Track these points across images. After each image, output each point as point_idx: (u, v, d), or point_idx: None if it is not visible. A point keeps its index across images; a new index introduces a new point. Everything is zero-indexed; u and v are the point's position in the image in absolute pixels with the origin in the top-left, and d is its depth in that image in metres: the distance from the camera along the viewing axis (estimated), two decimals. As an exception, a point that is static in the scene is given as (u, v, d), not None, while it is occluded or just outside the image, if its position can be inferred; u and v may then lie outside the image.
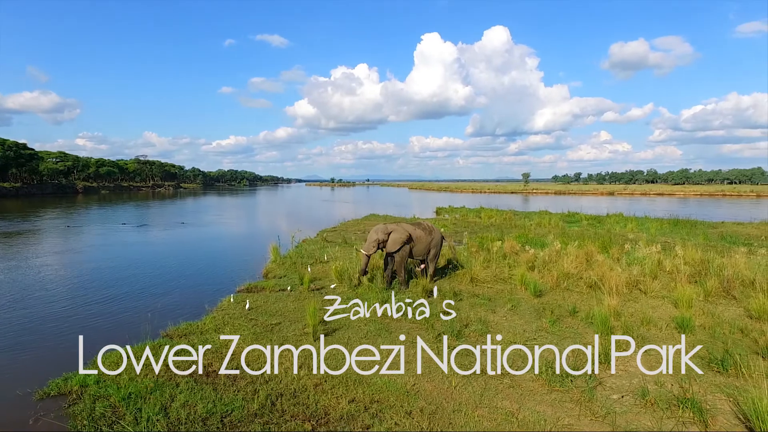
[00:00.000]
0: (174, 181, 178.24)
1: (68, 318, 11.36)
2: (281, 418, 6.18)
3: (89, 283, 14.88)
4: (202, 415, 6.21)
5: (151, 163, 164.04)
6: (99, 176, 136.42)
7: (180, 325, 10.01)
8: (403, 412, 6.22)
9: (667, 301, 11.07)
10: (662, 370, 7.31)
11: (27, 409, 6.78)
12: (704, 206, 57.59)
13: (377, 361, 7.93)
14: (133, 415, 6.25)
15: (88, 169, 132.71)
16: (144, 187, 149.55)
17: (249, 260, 19.71)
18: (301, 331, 9.59)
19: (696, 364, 7.52)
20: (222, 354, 8.24)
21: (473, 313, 10.49)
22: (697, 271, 12.84)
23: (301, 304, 11.55)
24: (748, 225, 28.36)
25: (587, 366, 7.37)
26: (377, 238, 12.74)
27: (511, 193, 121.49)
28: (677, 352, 8.00)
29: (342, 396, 6.69)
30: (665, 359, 7.41)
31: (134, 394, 6.78)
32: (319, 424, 6.02)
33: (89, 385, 7.21)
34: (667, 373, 7.15)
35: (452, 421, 5.97)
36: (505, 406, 6.28)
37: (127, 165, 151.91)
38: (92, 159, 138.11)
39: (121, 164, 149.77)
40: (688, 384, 6.81)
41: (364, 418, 6.12)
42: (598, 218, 31.40)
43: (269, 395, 6.69)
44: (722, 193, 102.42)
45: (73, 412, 6.55)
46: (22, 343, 9.68)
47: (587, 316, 9.99)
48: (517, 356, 8.01)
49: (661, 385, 6.86)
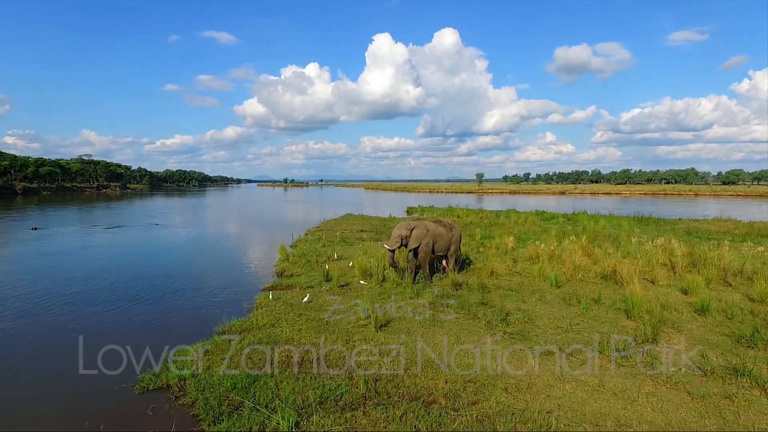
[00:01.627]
0: (119, 181, 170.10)
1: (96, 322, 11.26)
2: (389, 399, 6.65)
3: (102, 288, 14.54)
4: (316, 399, 6.58)
5: (96, 163, 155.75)
6: (38, 177, 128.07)
7: (232, 322, 10.19)
8: (499, 388, 6.85)
9: (674, 288, 12.30)
10: (701, 346, 8.37)
11: (136, 402, 6.94)
12: (653, 204, 61.68)
13: (446, 345, 8.58)
14: (251, 402, 6.54)
15: (27, 169, 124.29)
16: (88, 188, 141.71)
17: (254, 260, 19.73)
18: (355, 323, 10.00)
19: (728, 341, 8.65)
20: (297, 346, 8.59)
21: (506, 303, 11.26)
22: (691, 262, 14.23)
23: (339, 299, 11.94)
24: (703, 221, 30.96)
25: (632, 344, 8.33)
26: (400, 234, 13.32)
27: (468, 193, 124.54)
28: (706, 331, 9.15)
29: (435, 378, 7.23)
30: (698, 337, 8.51)
31: (238, 385, 7.04)
32: (431, 401, 6.54)
33: (186, 378, 7.39)
34: (707, 348, 8.21)
35: (549, 393, 6.66)
36: (588, 380, 7.05)
37: (69, 165, 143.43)
38: (31, 158, 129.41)
39: (63, 164, 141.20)
40: (736, 357, 7.82)
41: (467, 394, 6.70)
42: (570, 216, 33.26)
43: (367, 380, 7.12)
44: (664, 192, 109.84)
45: (187, 402, 6.77)
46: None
47: (612, 303, 11.01)
48: (569, 339, 8.88)
49: (707, 358, 7.83)
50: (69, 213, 49.94)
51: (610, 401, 6.38)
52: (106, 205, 67.57)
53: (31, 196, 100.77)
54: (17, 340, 9.84)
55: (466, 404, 6.42)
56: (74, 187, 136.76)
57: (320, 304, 11.53)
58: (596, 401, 6.39)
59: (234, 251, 22.75)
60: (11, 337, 9.96)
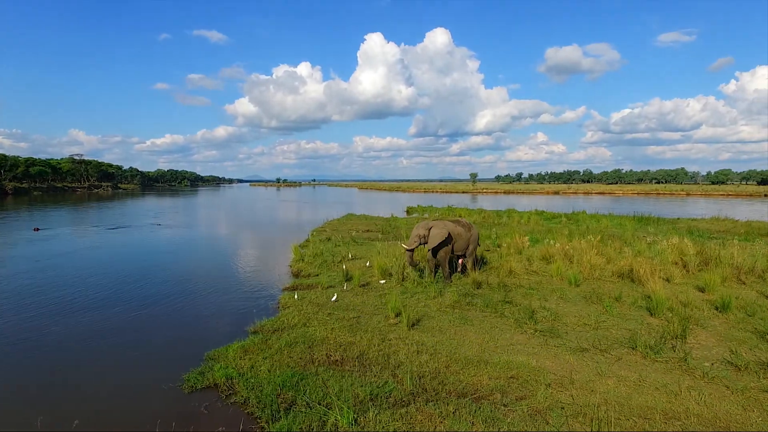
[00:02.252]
0: (111, 181, 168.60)
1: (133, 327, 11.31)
2: (437, 395, 6.81)
3: (119, 290, 14.56)
4: (366, 396, 6.72)
5: (87, 163, 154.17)
6: (29, 176, 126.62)
7: (263, 322, 10.31)
8: (543, 384, 7.04)
9: (690, 286, 12.60)
10: (729, 342, 8.63)
11: (188, 400, 7.05)
12: (647, 204, 62.42)
13: (480, 343, 8.77)
14: (303, 400, 6.67)
15: (17, 168, 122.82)
16: (79, 188, 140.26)
17: (267, 260, 19.80)
18: (385, 322, 10.15)
19: (752, 337, 8.92)
20: (333, 345, 8.73)
21: (529, 301, 11.47)
22: (702, 261, 14.55)
23: (363, 298, 12.10)
24: (702, 221, 31.49)
25: (662, 341, 8.57)
26: (418, 234, 13.52)
27: (462, 193, 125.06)
28: (729, 327, 9.41)
29: (477, 374, 7.41)
30: (723, 334, 8.79)
31: (286, 383, 7.17)
32: (478, 397, 6.71)
33: (234, 377, 7.50)
34: (736, 343, 8.49)
35: (592, 388, 6.87)
36: (628, 376, 7.27)
37: (60, 164, 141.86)
38: (21, 158, 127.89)
39: (54, 164, 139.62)
40: (764, 352, 8.10)
41: (513, 390, 6.89)
42: (571, 215, 33.64)
43: (412, 377, 7.28)
44: (656, 192, 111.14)
45: (239, 400, 6.90)
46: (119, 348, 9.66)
47: (634, 301, 11.27)
48: (599, 336, 9.10)
49: (738, 354, 8.08)
50: (65, 213, 49.50)
51: (654, 395, 6.59)
52: (100, 206, 67.01)
53: (22, 197, 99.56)
54: (53, 340, 9.87)
55: (514, 399, 6.60)
56: (65, 187, 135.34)
57: (346, 303, 11.67)
58: (641, 395, 6.60)
59: (244, 252, 22.79)
60: (45, 338, 9.99)
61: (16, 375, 8.24)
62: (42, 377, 8.12)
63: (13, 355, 9.04)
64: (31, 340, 9.85)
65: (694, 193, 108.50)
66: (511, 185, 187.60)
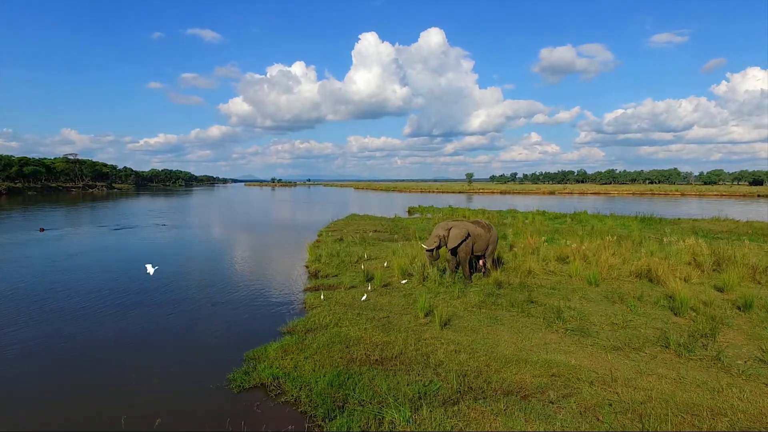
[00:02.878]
0: (105, 181, 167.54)
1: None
2: (483, 393, 6.97)
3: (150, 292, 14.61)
4: (415, 394, 6.86)
5: (81, 162, 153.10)
6: (22, 176, 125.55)
7: (295, 322, 10.43)
8: (585, 381, 7.21)
9: (707, 286, 12.85)
10: (757, 340, 8.86)
11: (239, 400, 7.17)
12: (643, 204, 62.94)
13: (515, 342, 8.94)
14: (355, 398, 6.80)
15: (11, 168, 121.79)
16: (74, 188, 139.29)
17: (281, 261, 19.88)
18: (415, 321, 10.29)
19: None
20: (370, 345, 8.86)
21: (553, 301, 11.65)
22: (715, 261, 14.82)
23: (389, 298, 12.23)
24: (703, 221, 31.91)
25: (693, 339, 8.77)
26: (438, 234, 13.68)
27: (459, 193, 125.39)
28: (753, 326, 9.64)
29: (519, 372, 7.57)
30: (750, 332, 9.01)
31: (333, 382, 7.29)
32: (524, 395, 6.87)
33: (280, 377, 7.62)
34: (765, 341, 8.71)
35: (635, 386, 7.04)
36: (667, 373, 7.46)
37: (54, 164, 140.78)
38: (14, 157, 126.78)
39: (48, 163, 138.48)
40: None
41: (557, 388, 7.05)
42: (574, 216, 33.95)
43: (456, 376, 7.43)
44: (651, 192, 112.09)
45: (289, 399, 7.02)
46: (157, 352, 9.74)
47: (656, 300, 11.50)
48: (629, 335, 9.29)
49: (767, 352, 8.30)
50: (65, 213, 49.20)
51: (696, 392, 6.78)
52: (98, 206, 66.65)
53: (16, 197, 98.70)
54: (99, 341, 9.93)
55: (560, 397, 6.77)
56: (59, 187, 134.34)
57: (372, 303, 11.79)
58: (684, 392, 6.78)
59: (257, 253, 22.84)
60: (92, 338, 10.04)
61: (69, 376, 8.31)
62: (98, 377, 8.20)
63: (60, 358, 9.11)
64: (77, 341, 9.91)
65: (688, 194, 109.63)
66: (507, 185, 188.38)
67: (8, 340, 9.89)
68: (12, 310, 12.12)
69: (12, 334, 10.26)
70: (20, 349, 9.44)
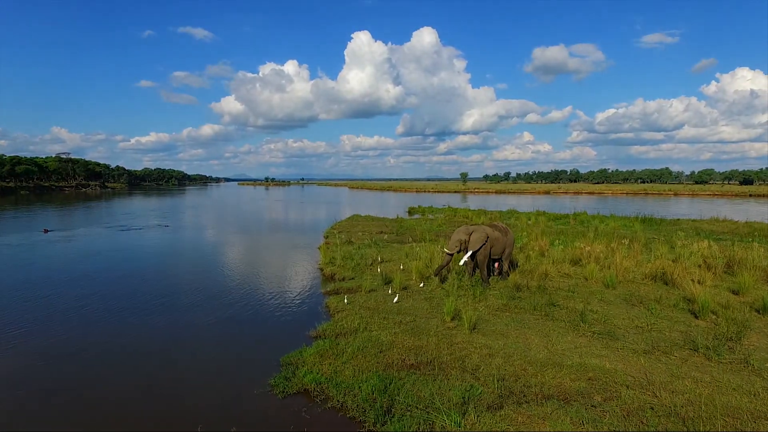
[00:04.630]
0: (98, 180, 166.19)
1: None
2: (525, 397, 7.12)
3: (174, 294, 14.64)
4: (459, 400, 7.00)
5: (74, 162, 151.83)
6: (14, 175, 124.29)
7: (323, 326, 10.55)
8: (622, 385, 7.39)
9: (722, 289, 13.09)
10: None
11: (285, 405, 7.28)
12: (638, 204, 63.61)
13: (546, 346, 9.10)
14: (401, 404, 6.93)
15: (2, 167, 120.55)
16: (67, 187, 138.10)
17: (293, 263, 19.94)
18: (443, 325, 10.42)
19: (802, 337, 9.38)
20: (403, 349, 8.99)
21: (573, 304, 11.83)
22: (725, 263, 15.10)
23: (411, 302, 12.35)
24: (702, 221, 32.37)
25: (719, 342, 8.97)
26: (459, 239, 13.83)
27: (454, 192, 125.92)
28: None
29: (558, 377, 7.72)
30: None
31: (376, 387, 7.40)
32: (566, 399, 7.03)
33: (323, 382, 7.73)
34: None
35: (673, 389, 7.23)
36: (701, 377, 7.65)
37: (46, 163, 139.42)
38: (6, 156, 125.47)
39: (40, 162, 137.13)
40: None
41: (596, 391, 7.22)
42: (575, 216, 34.26)
43: (495, 380, 7.57)
44: (645, 192, 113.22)
45: (335, 405, 7.14)
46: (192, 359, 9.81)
47: (675, 303, 11.72)
48: (656, 338, 9.49)
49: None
50: (65, 213, 48.87)
51: (734, 396, 6.97)
52: (95, 205, 66.22)
53: (9, 196, 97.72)
54: (139, 346, 9.98)
55: (602, 401, 6.93)
56: (52, 186, 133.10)
57: (397, 307, 11.92)
58: (722, 396, 6.97)
59: (267, 255, 22.89)
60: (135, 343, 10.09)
61: (120, 383, 8.37)
62: (148, 384, 8.26)
63: (104, 366, 9.16)
64: (117, 345, 9.96)
65: (681, 193, 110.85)
66: (501, 185, 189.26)
67: (67, 349, 9.93)
68: (46, 316, 12.15)
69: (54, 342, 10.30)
70: (74, 360, 9.49)
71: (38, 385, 8.25)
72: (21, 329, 11.04)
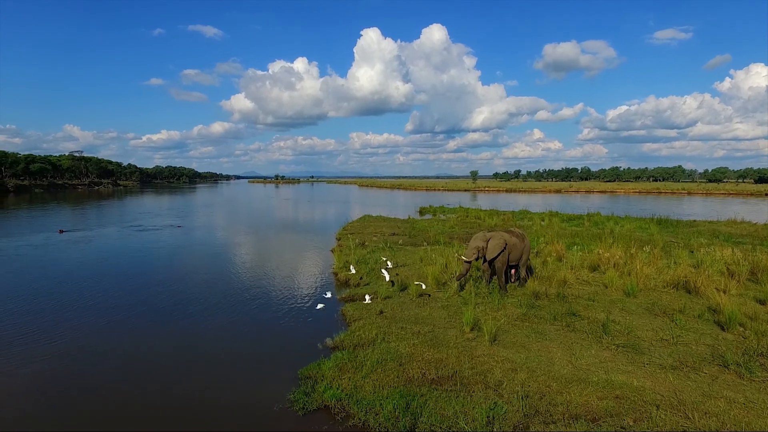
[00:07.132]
0: (110, 178, 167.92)
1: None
2: (551, 417, 6.93)
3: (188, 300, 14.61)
4: (484, 419, 6.82)
5: (87, 160, 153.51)
6: (29, 173, 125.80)
7: (340, 337, 10.41)
8: (652, 405, 7.16)
9: (747, 298, 12.74)
10: (813, 358, 8.77)
11: (307, 422, 7.17)
12: (651, 203, 62.85)
13: (570, 360, 8.88)
14: (425, 423, 6.77)
15: (17, 165, 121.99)
16: (80, 185, 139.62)
17: (306, 266, 19.87)
18: (462, 336, 10.24)
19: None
20: (423, 362, 8.82)
21: (594, 314, 11.58)
22: (749, 270, 14.72)
23: (429, 311, 12.16)
24: (720, 223, 31.73)
25: (751, 359, 8.69)
26: (477, 246, 13.60)
27: (464, 191, 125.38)
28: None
29: (584, 395, 7.51)
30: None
31: (397, 405, 7.25)
32: (593, 419, 6.83)
33: (343, 399, 7.59)
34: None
35: (706, 410, 6.99)
36: (735, 397, 7.39)
37: (60, 161, 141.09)
38: (21, 155, 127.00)
39: (54, 160, 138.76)
40: None
41: (625, 411, 7.00)
42: (589, 217, 33.81)
43: (519, 398, 7.38)
44: (657, 191, 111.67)
45: (357, 423, 6.99)
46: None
47: (700, 313, 11.41)
48: (682, 352, 9.22)
49: (828, 370, 8.23)
50: (80, 213, 49.32)
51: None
52: (108, 204, 66.78)
53: (24, 194, 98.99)
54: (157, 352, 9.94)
55: (632, 422, 6.72)
56: (65, 184, 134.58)
57: (413, 315, 11.75)
58: (759, 418, 6.73)
59: (281, 257, 22.84)
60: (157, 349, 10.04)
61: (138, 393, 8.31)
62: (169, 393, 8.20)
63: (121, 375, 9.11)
64: (146, 350, 9.92)
65: (694, 192, 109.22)
66: (511, 183, 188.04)
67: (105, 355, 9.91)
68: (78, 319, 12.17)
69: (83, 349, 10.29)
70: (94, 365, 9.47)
71: (61, 389, 8.22)
72: (44, 333, 11.06)
